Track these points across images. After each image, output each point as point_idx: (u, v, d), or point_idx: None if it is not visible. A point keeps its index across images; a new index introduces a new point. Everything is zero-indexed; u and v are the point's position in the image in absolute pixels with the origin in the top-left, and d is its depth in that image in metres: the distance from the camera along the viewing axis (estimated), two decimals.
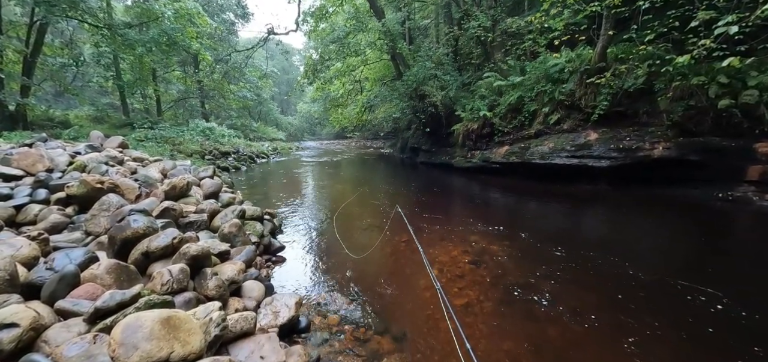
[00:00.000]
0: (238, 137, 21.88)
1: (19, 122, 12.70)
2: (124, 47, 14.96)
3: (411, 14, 17.23)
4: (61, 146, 7.42)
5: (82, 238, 3.75)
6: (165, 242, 3.17)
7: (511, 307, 3.36)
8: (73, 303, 2.36)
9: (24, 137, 9.51)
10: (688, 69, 6.59)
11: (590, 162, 8.09)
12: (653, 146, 7.31)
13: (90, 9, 13.76)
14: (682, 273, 3.83)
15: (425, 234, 5.60)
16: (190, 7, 16.92)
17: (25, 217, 3.95)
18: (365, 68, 19.12)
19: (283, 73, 51.46)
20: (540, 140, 9.38)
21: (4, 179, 4.85)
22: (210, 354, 2.04)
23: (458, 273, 4.15)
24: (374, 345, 2.87)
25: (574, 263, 4.24)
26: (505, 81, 10.68)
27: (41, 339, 2.05)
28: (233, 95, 26.46)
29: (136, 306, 2.23)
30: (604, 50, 8.07)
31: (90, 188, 4.30)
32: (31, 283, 2.53)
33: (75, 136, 12.35)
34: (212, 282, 2.90)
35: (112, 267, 2.79)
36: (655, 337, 2.82)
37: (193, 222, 4.52)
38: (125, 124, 17.25)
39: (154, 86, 21.05)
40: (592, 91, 8.26)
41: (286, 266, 4.58)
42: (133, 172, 6.27)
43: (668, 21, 6.89)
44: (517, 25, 11.38)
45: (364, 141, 36.07)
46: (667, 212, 6.54)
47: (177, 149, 14.29)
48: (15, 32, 13.93)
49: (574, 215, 6.90)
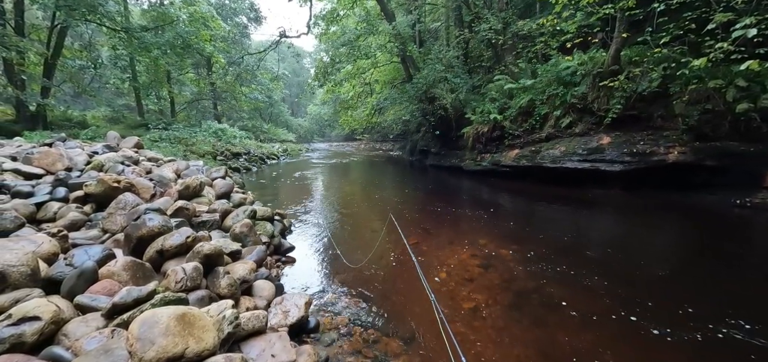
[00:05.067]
0: (249, 138, 22.16)
1: (39, 122, 13.11)
2: (140, 50, 15.33)
3: (421, 17, 17.23)
4: (79, 145, 7.63)
5: (99, 235, 3.86)
6: (179, 240, 3.24)
7: (520, 312, 3.33)
8: (92, 298, 2.43)
9: (44, 136, 9.83)
10: (704, 72, 6.47)
11: (603, 166, 7.98)
12: (668, 150, 7.17)
13: (108, 13, 14.14)
14: (699, 281, 3.76)
15: (433, 237, 5.60)
16: (204, 11, 17.27)
17: (45, 214, 4.08)
18: (375, 71, 19.19)
19: (294, 76, 51.98)
20: (551, 143, 9.29)
21: (25, 177, 5.03)
22: (223, 351, 2.08)
23: (467, 276, 4.14)
24: (382, 347, 2.89)
25: (586, 269, 4.19)
26: (515, 84, 10.61)
27: (61, 333, 2.12)
28: (245, 96, 26.83)
29: (152, 302, 2.29)
30: (618, 53, 7.97)
31: (107, 186, 4.42)
32: (51, 278, 2.62)
33: (92, 136, 12.69)
34: (224, 280, 2.95)
35: (128, 264, 2.87)
36: (669, 346, 2.77)
37: (206, 222, 4.60)
38: (140, 125, 17.63)
39: (169, 88, 21.48)
40: (605, 94, 8.15)
41: (295, 267, 4.63)
42: (148, 172, 6.42)
43: (684, 23, 6.77)
44: (528, 28, 11.30)
45: (374, 143, 36.14)
46: (682, 219, 6.40)
47: (190, 150, 14.56)
48: (37, 35, 14.38)
49: (586, 220, 6.81)
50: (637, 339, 2.86)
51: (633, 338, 2.88)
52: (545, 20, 8.96)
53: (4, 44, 11.01)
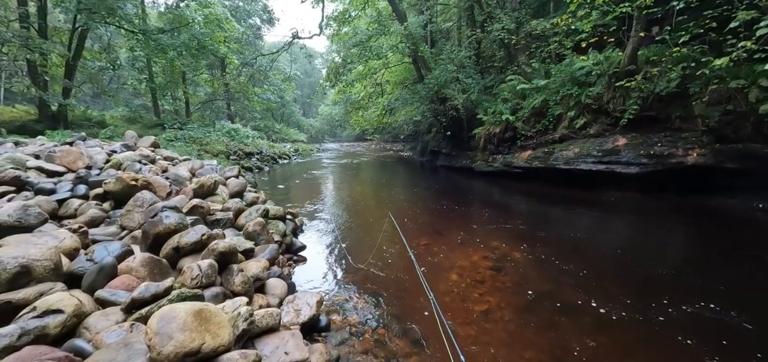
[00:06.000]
0: (261, 138, 22.44)
1: (60, 121, 13.52)
2: (156, 51, 15.69)
3: (433, 17, 17.19)
4: (98, 144, 7.85)
5: (117, 232, 3.96)
6: (194, 238, 3.30)
7: (533, 315, 3.29)
8: (111, 292, 2.50)
9: (65, 135, 10.13)
10: (726, 72, 6.27)
11: (618, 168, 7.82)
12: (687, 152, 6.99)
13: (127, 15, 14.51)
14: (721, 288, 3.65)
15: (444, 238, 5.57)
16: (218, 13, 17.56)
17: (66, 211, 4.21)
18: (386, 71, 19.21)
19: (306, 76, 52.39)
20: (565, 144, 9.15)
21: (48, 174, 5.20)
22: (238, 348, 2.11)
23: (478, 278, 4.11)
24: (393, 347, 2.89)
25: (601, 273, 4.12)
26: (528, 84, 10.48)
27: (83, 326, 2.19)
28: (257, 97, 27.18)
29: (169, 298, 2.34)
30: (635, 52, 7.79)
31: (125, 184, 4.54)
32: (73, 273, 2.71)
33: (111, 135, 13.02)
34: (238, 278, 3.00)
35: (146, 261, 2.94)
36: (686, 354, 2.70)
37: (220, 220, 4.68)
38: (156, 124, 18.02)
39: (184, 89, 21.91)
40: (621, 94, 7.99)
41: (306, 266, 4.67)
42: (164, 170, 6.56)
43: (705, 22, 6.58)
44: (542, 27, 11.15)
45: (384, 144, 36.18)
46: (701, 223, 6.22)
47: (204, 149, 14.82)
48: (58, 38, 14.85)
49: (601, 223, 6.67)
50: (655, 347, 2.79)
51: (651, 345, 2.82)
52: (559, 19, 8.82)
53: (28, 46, 11.40)
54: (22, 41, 11.41)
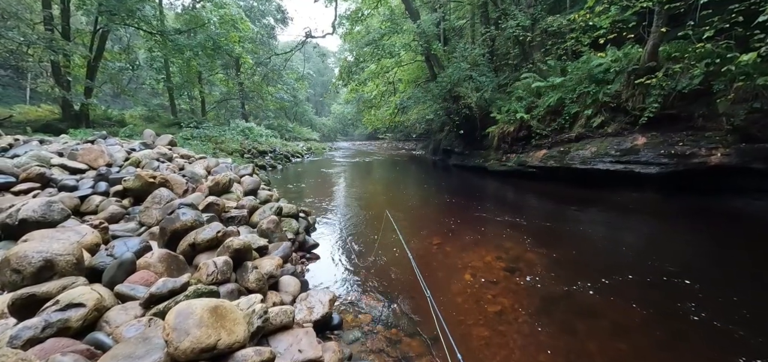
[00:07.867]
0: (274, 136, 22.72)
1: (82, 120, 13.97)
2: (174, 52, 16.05)
3: (446, 15, 17.03)
4: (118, 143, 8.07)
5: (136, 228, 4.06)
6: (210, 235, 3.35)
7: (548, 317, 3.23)
8: (130, 287, 2.56)
9: (87, 134, 10.46)
10: (753, 68, 6.01)
11: (637, 168, 7.60)
12: (710, 152, 6.73)
13: (145, 17, 14.88)
14: (741, 292, 3.51)
15: (457, 238, 5.52)
16: (233, 14, 17.81)
17: (87, 207, 4.34)
18: (399, 70, 19.18)
19: (319, 75, 52.75)
20: (581, 143, 8.95)
21: (70, 172, 5.37)
22: (252, 344, 2.14)
23: (492, 279, 4.05)
24: (405, 347, 2.88)
25: (619, 276, 4.00)
26: (544, 82, 10.29)
27: (103, 319, 2.25)
28: (271, 96, 27.52)
29: (185, 293, 2.38)
30: (656, 49, 7.55)
31: (144, 182, 4.65)
32: (94, 267, 2.78)
33: (130, 134, 13.39)
34: (253, 275, 3.03)
35: (163, 256, 3.00)
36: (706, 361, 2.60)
37: (234, 217, 4.75)
38: (173, 123, 18.44)
39: (200, 88, 22.35)
40: (641, 92, 7.75)
41: (319, 264, 4.70)
42: (180, 168, 6.70)
43: (730, 16, 6.32)
44: (558, 24, 10.90)
45: (396, 142, 36.13)
46: (724, 225, 5.98)
47: (219, 148, 15.08)
48: (81, 39, 15.32)
49: (618, 225, 6.49)
50: (671, 353, 2.70)
51: (668, 351, 2.72)
52: (576, 15, 8.61)
53: (52, 48, 11.80)
54: (46, 43, 11.82)
